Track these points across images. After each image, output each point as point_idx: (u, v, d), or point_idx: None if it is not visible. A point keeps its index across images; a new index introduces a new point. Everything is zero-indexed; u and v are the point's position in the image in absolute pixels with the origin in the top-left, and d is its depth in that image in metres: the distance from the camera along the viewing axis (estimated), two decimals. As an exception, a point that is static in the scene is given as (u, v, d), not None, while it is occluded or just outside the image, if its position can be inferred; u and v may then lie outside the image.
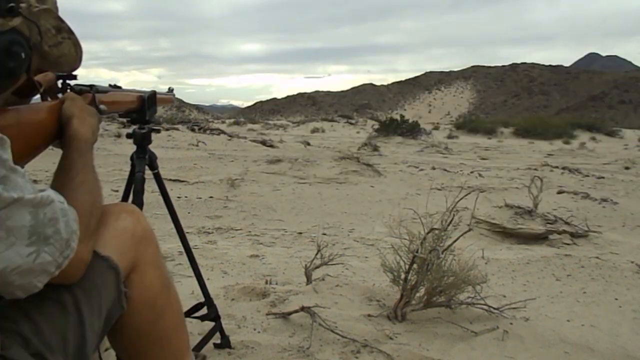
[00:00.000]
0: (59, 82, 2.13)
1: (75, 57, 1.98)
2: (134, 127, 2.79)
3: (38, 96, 2.04)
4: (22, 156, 1.75)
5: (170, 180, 11.57)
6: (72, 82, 2.14)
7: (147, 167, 2.81)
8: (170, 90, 3.16)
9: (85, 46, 1.99)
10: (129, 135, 2.79)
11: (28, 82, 1.85)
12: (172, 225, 3.01)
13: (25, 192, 1.49)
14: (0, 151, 1.46)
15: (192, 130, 24.08)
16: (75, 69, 2.05)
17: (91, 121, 2.01)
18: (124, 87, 2.53)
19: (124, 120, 2.78)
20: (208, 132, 24.26)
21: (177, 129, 23.09)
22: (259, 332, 3.63)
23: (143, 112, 2.70)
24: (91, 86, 2.22)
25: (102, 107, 2.18)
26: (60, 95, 2.11)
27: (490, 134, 39.71)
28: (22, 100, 1.92)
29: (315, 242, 5.22)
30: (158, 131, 2.85)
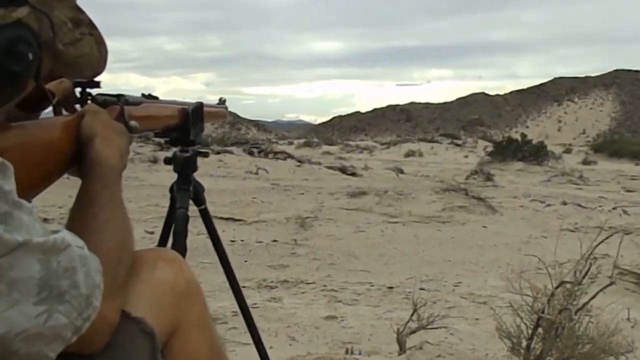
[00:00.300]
0: (77, 91, 2.11)
1: (98, 59, 1.92)
2: (175, 149, 2.75)
3: (50, 109, 2.01)
4: (30, 187, 1.70)
5: (221, 218, 11.53)
6: (94, 91, 2.11)
7: (191, 202, 2.78)
8: (222, 101, 3.12)
9: (111, 44, 1.93)
10: (167, 161, 2.76)
11: (37, 90, 1.81)
12: (224, 278, 3.00)
13: (34, 234, 1.45)
14: (0, 180, 1.42)
15: (250, 153, 23.95)
16: (98, 74, 1.99)
17: (118, 142, 1.97)
18: (161, 97, 2.50)
19: (162, 140, 2.76)
20: (271, 156, 24.26)
21: (230, 152, 22.95)
22: (336, 416, 3.59)
23: (186, 130, 2.65)
24: (119, 96, 2.17)
25: (132, 123, 2.13)
26: (78, 107, 2.08)
27: (638, 159, 38.97)
28: (30, 115, 1.90)
29: (411, 300, 5.14)
30: (206, 155, 2.81)
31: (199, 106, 2.72)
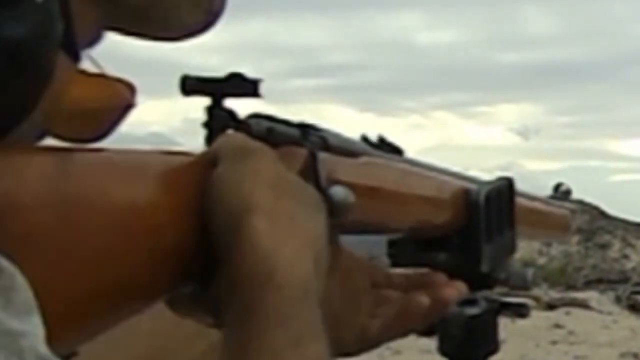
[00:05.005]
0: (203, 106, 1.08)
1: None
2: None
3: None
4: (77, 317, 0.84)
5: None
6: (245, 108, 1.11)
7: None
8: (564, 191, 1.92)
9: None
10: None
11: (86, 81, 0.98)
12: None
13: None
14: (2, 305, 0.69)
15: (633, 307, 14.47)
16: (205, 24, 1.07)
17: (307, 226, 1.01)
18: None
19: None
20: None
21: (582, 305, 14.43)
22: None
23: (472, 246, 1.48)
24: (305, 130, 1.14)
25: (339, 192, 1.08)
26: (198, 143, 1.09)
27: None
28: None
29: None
30: (522, 313, 1.73)
31: (504, 188, 1.53)
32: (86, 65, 0.99)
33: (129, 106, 1.02)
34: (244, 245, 0.93)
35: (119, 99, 1.02)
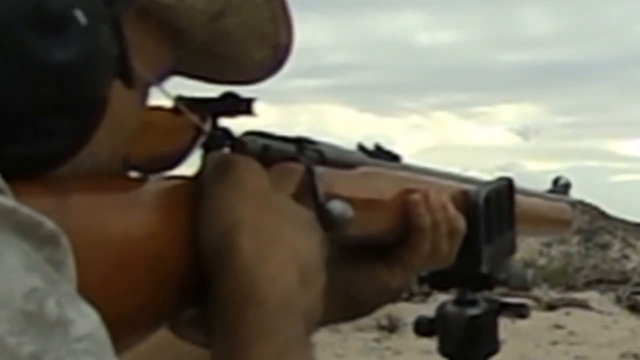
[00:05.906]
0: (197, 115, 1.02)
1: (271, 32, 0.99)
2: (440, 297, 1.62)
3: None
4: None
5: None
6: (239, 125, 1.06)
7: None
8: (562, 184, 1.86)
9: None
10: (423, 326, 1.60)
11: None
12: None
13: None
14: (56, 274, 0.67)
15: (632, 307, 13.98)
16: (260, 75, 1.06)
17: (298, 244, 0.98)
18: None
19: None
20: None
21: (582, 305, 13.93)
22: None
23: (470, 247, 1.39)
24: (300, 143, 1.10)
25: (337, 206, 1.05)
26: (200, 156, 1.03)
27: None
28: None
29: None
30: (522, 313, 1.66)
31: (503, 188, 1.48)
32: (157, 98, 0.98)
33: (199, 132, 1.00)
34: (227, 262, 0.92)
35: (190, 129, 1.00)
